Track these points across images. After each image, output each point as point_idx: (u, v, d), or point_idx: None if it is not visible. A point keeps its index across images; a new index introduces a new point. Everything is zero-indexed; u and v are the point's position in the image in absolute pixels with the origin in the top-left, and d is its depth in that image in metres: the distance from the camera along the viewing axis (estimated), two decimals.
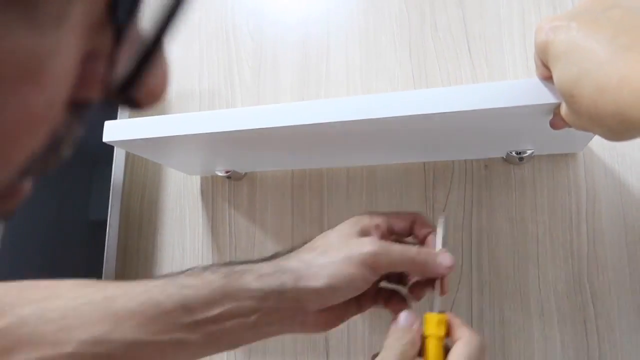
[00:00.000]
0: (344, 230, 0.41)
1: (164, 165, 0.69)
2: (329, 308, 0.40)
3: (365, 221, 0.42)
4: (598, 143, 0.52)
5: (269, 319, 0.40)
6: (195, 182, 0.66)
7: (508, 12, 0.58)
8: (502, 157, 0.54)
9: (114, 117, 0.59)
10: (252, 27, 0.69)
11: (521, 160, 0.52)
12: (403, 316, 0.40)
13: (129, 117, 0.53)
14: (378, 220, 0.42)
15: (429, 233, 0.43)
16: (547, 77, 0.36)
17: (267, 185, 0.63)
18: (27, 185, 0.17)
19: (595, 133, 0.32)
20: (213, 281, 0.39)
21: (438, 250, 0.41)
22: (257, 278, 0.39)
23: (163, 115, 0.47)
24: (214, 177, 0.66)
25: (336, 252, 0.39)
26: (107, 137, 0.48)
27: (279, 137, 0.47)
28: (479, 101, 0.39)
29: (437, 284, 0.41)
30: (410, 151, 0.54)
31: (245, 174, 0.64)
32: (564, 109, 0.34)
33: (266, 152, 0.54)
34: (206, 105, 0.69)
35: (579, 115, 0.31)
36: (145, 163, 0.70)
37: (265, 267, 0.40)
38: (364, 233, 0.41)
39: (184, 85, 0.71)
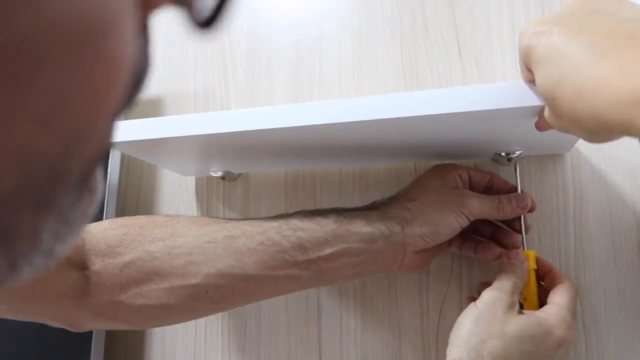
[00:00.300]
0: (436, 181, 0.47)
1: (159, 166, 0.69)
2: (423, 250, 0.46)
3: (449, 171, 0.48)
4: (585, 144, 0.53)
5: (373, 258, 0.45)
6: (190, 183, 0.67)
7: (497, 13, 0.59)
8: (491, 158, 0.55)
9: None
10: (246, 28, 0.70)
11: (509, 161, 0.53)
12: (516, 253, 0.46)
13: (124, 119, 0.53)
14: (460, 171, 0.49)
15: (508, 190, 0.50)
16: (532, 81, 0.37)
17: (261, 185, 0.64)
18: (101, 181, 0.18)
19: (576, 135, 0.32)
20: (325, 224, 0.45)
21: (515, 194, 0.48)
22: (366, 223, 0.45)
23: (158, 118, 0.48)
24: (209, 178, 0.66)
25: (436, 202, 0.45)
26: None
27: (273, 138, 0.48)
28: (467, 104, 0.39)
29: (522, 223, 0.48)
30: (401, 153, 0.55)
31: (240, 174, 0.65)
32: (546, 112, 0.35)
33: (260, 154, 0.55)
34: (201, 107, 0.70)
35: (561, 117, 0.32)
36: (141, 165, 0.71)
37: (373, 213, 0.46)
38: (452, 183, 0.48)
39: (179, 86, 0.72)
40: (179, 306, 0.43)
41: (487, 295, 0.43)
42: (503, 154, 0.52)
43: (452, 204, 0.45)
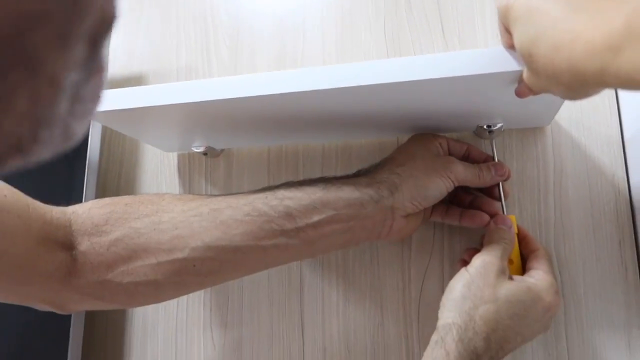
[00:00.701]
0: (421, 149, 0.48)
1: (141, 142, 0.69)
2: (410, 215, 0.46)
3: (431, 139, 0.49)
4: (565, 118, 0.54)
5: (362, 224, 0.45)
6: (172, 159, 0.67)
7: None
8: (473, 132, 0.55)
9: None
10: (229, 5, 0.69)
11: (491, 134, 0.53)
12: (503, 218, 0.48)
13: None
14: (441, 140, 0.50)
15: (484, 159, 0.51)
16: (511, 45, 0.37)
17: (244, 162, 0.64)
18: (108, 62, 0.19)
19: (554, 93, 0.33)
20: (313, 192, 0.44)
21: (493, 163, 0.50)
22: (355, 189, 0.45)
23: (140, 87, 0.47)
24: (191, 155, 0.66)
25: (424, 167, 0.46)
26: None
27: (255, 107, 0.47)
28: (448, 69, 0.40)
29: (501, 190, 0.50)
30: (384, 126, 0.55)
31: (222, 151, 0.64)
32: (525, 72, 0.35)
33: (242, 126, 0.54)
34: None
35: (538, 75, 0.32)
36: (122, 141, 0.70)
37: (362, 179, 0.46)
38: (435, 151, 0.49)
39: (162, 64, 0.71)
40: (166, 282, 0.43)
41: (478, 260, 0.44)
42: (485, 126, 0.52)
43: (439, 169, 0.46)
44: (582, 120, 0.53)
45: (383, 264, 0.56)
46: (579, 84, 0.28)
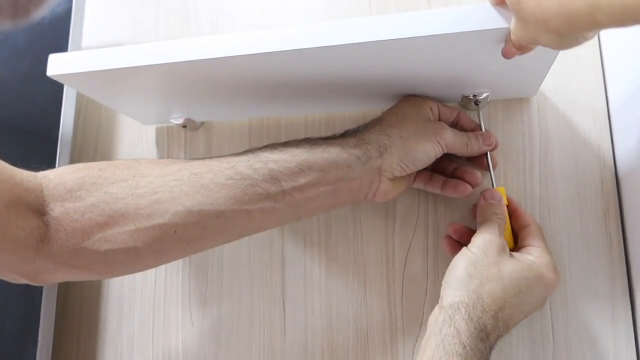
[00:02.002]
0: (413, 111, 0.48)
1: (118, 115, 0.67)
2: (396, 179, 0.46)
3: (422, 103, 0.49)
4: (551, 89, 0.53)
5: (349, 186, 0.44)
6: (150, 132, 0.65)
7: None
8: (458, 103, 0.54)
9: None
10: None
11: (477, 105, 0.52)
12: (491, 193, 0.47)
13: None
14: (431, 104, 0.49)
15: (473, 128, 0.51)
16: (498, 1, 0.36)
17: (225, 135, 0.62)
18: None
19: (543, 43, 0.32)
20: (298, 154, 0.43)
21: (481, 132, 0.50)
22: (342, 150, 0.44)
23: (112, 47, 0.45)
24: (170, 127, 0.64)
25: (414, 130, 0.46)
26: (51, 71, 0.46)
27: (233, 70, 0.46)
28: (433, 27, 0.38)
29: (489, 160, 0.49)
30: (368, 95, 0.53)
31: (202, 123, 0.63)
32: (513, 23, 0.34)
33: (221, 94, 0.53)
34: None
35: (526, 23, 0.31)
36: (99, 114, 0.68)
37: (350, 140, 0.45)
38: (426, 115, 0.48)
39: (140, 37, 0.69)
40: (146, 249, 0.41)
41: (479, 239, 0.43)
42: (471, 96, 0.51)
43: (429, 133, 0.46)
44: (567, 91, 0.53)
45: (366, 239, 0.55)
46: (569, 27, 0.27)
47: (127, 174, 0.42)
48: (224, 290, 0.59)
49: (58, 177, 0.42)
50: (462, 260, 0.42)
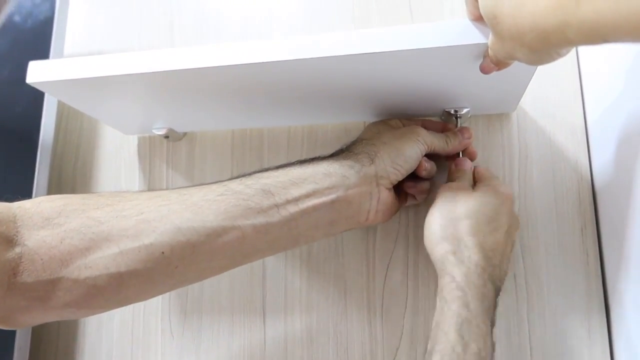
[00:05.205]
0: (383, 125, 0.50)
1: (100, 125, 0.66)
2: (393, 188, 0.47)
3: (385, 120, 0.51)
4: (530, 104, 0.54)
5: (347, 198, 0.43)
6: (132, 142, 0.64)
7: None
8: (440, 118, 0.55)
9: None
10: None
11: (458, 120, 0.53)
12: (462, 161, 0.50)
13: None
14: (395, 119, 0.51)
15: (441, 128, 0.52)
16: (476, 16, 0.37)
17: (207, 145, 0.62)
18: None
19: (519, 58, 0.32)
20: (289, 170, 0.43)
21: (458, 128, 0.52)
22: (334, 161, 0.45)
23: (94, 55, 0.45)
24: (152, 138, 0.64)
25: (393, 136, 0.47)
26: (31, 78, 0.46)
27: (217, 82, 0.46)
28: (409, 42, 0.39)
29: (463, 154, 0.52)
30: (349, 108, 0.54)
31: (185, 134, 0.62)
32: (490, 39, 0.35)
33: (204, 104, 0.53)
34: None
35: (503, 38, 0.32)
36: (80, 122, 0.67)
37: (338, 156, 0.46)
38: (396, 125, 0.50)
39: (122, 44, 0.68)
40: (129, 275, 0.37)
41: (442, 189, 0.46)
42: (452, 111, 0.52)
43: (407, 134, 0.47)
44: (547, 106, 0.54)
45: (348, 252, 0.55)
46: (542, 42, 0.28)
47: (112, 200, 0.40)
48: (204, 301, 0.58)
49: (35, 206, 0.39)
50: (432, 215, 0.44)
